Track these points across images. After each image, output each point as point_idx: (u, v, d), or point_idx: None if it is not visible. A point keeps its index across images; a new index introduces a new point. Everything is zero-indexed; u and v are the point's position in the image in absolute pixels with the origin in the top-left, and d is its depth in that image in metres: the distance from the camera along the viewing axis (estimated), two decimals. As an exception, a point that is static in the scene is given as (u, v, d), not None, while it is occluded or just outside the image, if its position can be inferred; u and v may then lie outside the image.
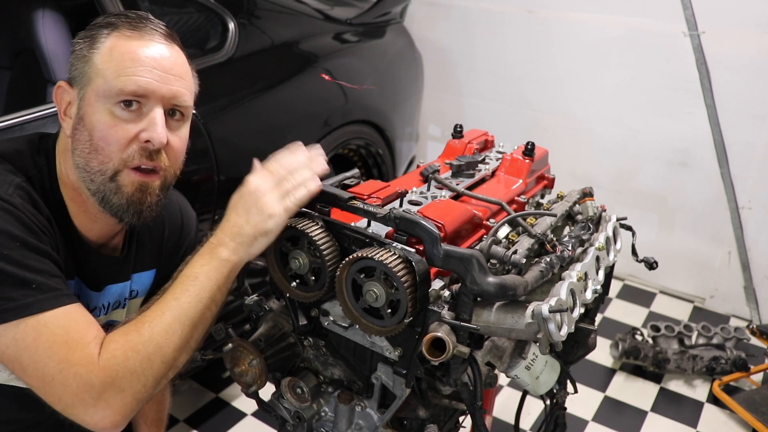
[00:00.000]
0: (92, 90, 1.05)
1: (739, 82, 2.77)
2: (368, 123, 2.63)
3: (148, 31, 1.08)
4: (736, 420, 2.40)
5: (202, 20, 2.16)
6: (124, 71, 1.04)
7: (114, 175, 1.08)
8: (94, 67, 1.05)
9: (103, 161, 1.07)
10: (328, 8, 2.65)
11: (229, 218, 1.09)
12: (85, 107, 1.06)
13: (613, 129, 3.15)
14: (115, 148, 1.06)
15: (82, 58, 1.07)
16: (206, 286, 1.05)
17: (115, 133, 1.05)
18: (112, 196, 1.09)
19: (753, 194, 2.89)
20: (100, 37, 1.07)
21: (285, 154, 1.14)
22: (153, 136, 1.06)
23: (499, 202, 1.35)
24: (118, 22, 1.08)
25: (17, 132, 1.55)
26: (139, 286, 1.34)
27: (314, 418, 1.34)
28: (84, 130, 1.07)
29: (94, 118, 1.05)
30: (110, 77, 1.04)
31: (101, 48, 1.06)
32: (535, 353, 1.28)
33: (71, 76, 1.10)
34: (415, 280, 1.04)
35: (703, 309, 3.15)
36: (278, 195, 1.07)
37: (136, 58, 1.05)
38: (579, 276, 1.18)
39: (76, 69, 1.08)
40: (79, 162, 1.08)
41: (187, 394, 2.36)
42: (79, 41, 1.10)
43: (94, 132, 1.06)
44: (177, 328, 1.02)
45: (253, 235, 1.07)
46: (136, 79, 1.04)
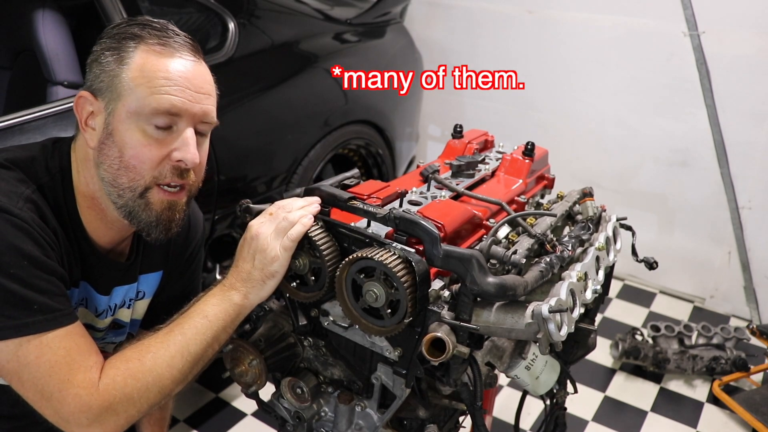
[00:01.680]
0: (123, 106, 1.04)
1: (739, 82, 2.77)
2: (368, 123, 2.64)
3: (177, 47, 1.07)
4: (736, 420, 2.40)
5: (202, 20, 2.16)
6: (157, 90, 1.03)
7: (144, 192, 1.08)
8: (124, 84, 1.04)
9: (134, 179, 1.07)
10: (328, 8, 2.65)
11: (238, 264, 1.12)
12: (115, 123, 1.05)
13: (613, 129, 3.15)
14: (147, 166, 1.06)
15: (110, 72, 1.05)
16: (214, 326, 1.08)
17: (148, 152, 1.05)
18: (140, 213, 1.10)
19: (753, 194, 2.89)
20: (127, 50, 1.05)
21: (283, 200, 1.17)
22: (186, 157, 1.07)
23: (499, 202, 1.35)
24: (144, 35, 1.06)
25: (17, 132, 1.55)
26: (146, 287, 1.35)
27: (314, 418, 1.34)
28: (113, 146, 1.05)
29: (125, 136, 1.04)
30: (143, 95, 1.03)
31: (131, 64, 1.04)
32: (535, 353, 1.28)
33: (96, 88, 1.07)
34: (415, 280, 1.04)
35: (703, 309, 3.15)
36: (276, 236, 1.10)
37: (168, 76, 1.04)
38: (579, 276, 1.18)
39: (101, 81, 1.06)
40: (105, 176, 1.08)
41: (187, 394, 2.36)
42: (105, 52, 1.06)
43: (126, 149, 1.05)
44: (179, 362, 1.04)
45: (262, 279, 1.11)
46: (169, 98, 1.04)
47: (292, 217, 1.10)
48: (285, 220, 1.10)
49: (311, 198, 1.17)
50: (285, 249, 1.10)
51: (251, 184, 2.14)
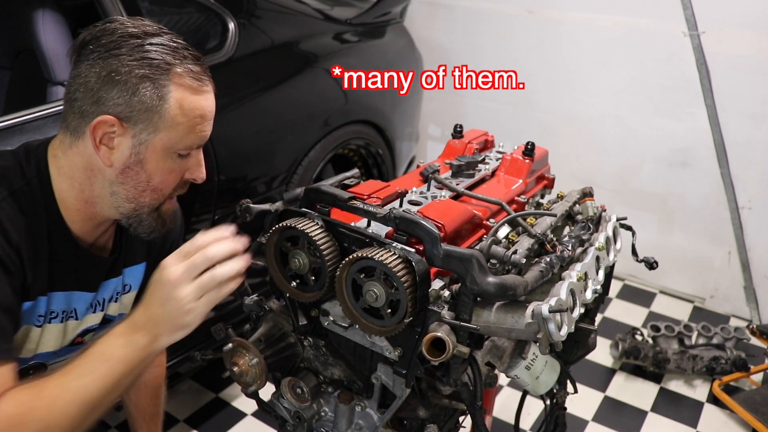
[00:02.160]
0: (160, 140, 1.08)
1: (739, 82, 2.77)
2: (368, 123, 2.63)
3: (206, 82, 1.12)
4: (736, 420, 2.40)
5: (202, 20, 2.16)
6: (194, 129, 1.10)
7: (159, 206, 1.17)
8: (165, 120, 1.07)
9: (157, 198, 1.15)
10: (328, 8, 2.65)
11: (149, 306, 1.02)
12: (148, 153, 1.09)
13: (613, 129, 3.15)
14: (170, 188, 1.16)
15: (147, 105, 1.05)
16: (117, 370, 0.99)
17: (173, 177, 1.14)
18: (149, 222, 1.17)
19: (753, 194, 2.89)
20: (164, 83, 1.06)
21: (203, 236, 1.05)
22: (200, 176, 1.18)
23: (499, 202, 1.35)
24: (176, 64, 1.07)
25: (17, 132, 1.55)
26: (131, 280, 1.35)
27: (314, 418, 1.34)
28: (142, 171, 1.11)
29: (159, 165, 1.11)
30: (183, 133, 1.09)
31: (170, 101, 1.06)
32: (535, 353, 1.28)
33: (125, 116, 1.06)
34: (415, 280, 1.05)
35: (703, 309, 3.15)
36: (197, 289, 0.99)
37: (203, 114, 1.11)
38: (579, 276, 1.18)
39: (134, 112, 1.05)
40: (124, 194, 1.12)
41: (187, 394, 2.36)
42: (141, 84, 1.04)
43: (156, 176, 1.12)
44: (73, 410, 0.97)
45: (171, 329, 1.02)
46: (203, 136, 1.13)
47: (218, 276, 1.00)
48: (211, 279, 0.99)
49: (237, 243, 1.03)
50: (207, 304, 1.01)
51: (251, 184, 2.14)
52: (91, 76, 1.05)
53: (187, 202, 1.90)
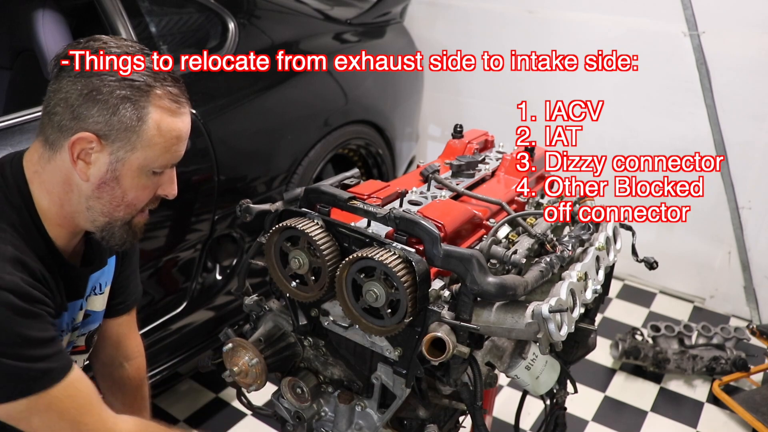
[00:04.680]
0: (137, 158, 1.11)
1: (739, 82, 2.77)
2: (368, 123, 2.63)
3: (183, 104, 1.15)
4: (736, 420, 2.40)
5: (202, 20, 2.16)
6: (170, 149, 1.14)
7: (131, 220, 1.20)
8: (142, 140, 1.10)
9: (130, 212, 1.18)
10: (328, 8, 2.65)
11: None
12: (124, 171, 1.12)
13: (613, 129, 3.15)
14: (142, 204, 1.19)
15: (126, 125, 1.08)
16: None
17: (148, 194, 1.18)
18: (121, 234, 1.20)
19: (753, 194, 2.89)
20: (143, 104, 1.08)
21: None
22: (172, 192, 1.21)
23: (499, 202, 1.35)
24: (156, 86, 1.09)
25: (17, 132, 1.55)
26: (105, 278, 1.37)
27: (314, 418, 1.34)
28: (117, 187, 1.13)
29: (134, 182, 1.14)
30: (159, 152, 1.12)
31: (149, 122, 1.09)
32: (535, 353, 1.28)
33: (103, 133, 1.08)
34: (415, 280, 1.05)
35: (703, 309, 3.15)
36: None
37: (179, 136, 1.15)
38: (579, 276, 1.18)
39: (112, 130, 1.08)
40: (100, 209, 1.15)
41: (187, 394, 2.36)
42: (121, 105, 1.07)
43: (130, 192, 1.15)
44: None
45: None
46: (177, 155, 1.16)
47: None
48: None
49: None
50: None
51: (251, 184, 2.14)
52: (72, 93, 1.06)
53: (187, 203, 1.91)
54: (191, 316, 2.05)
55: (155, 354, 1.96)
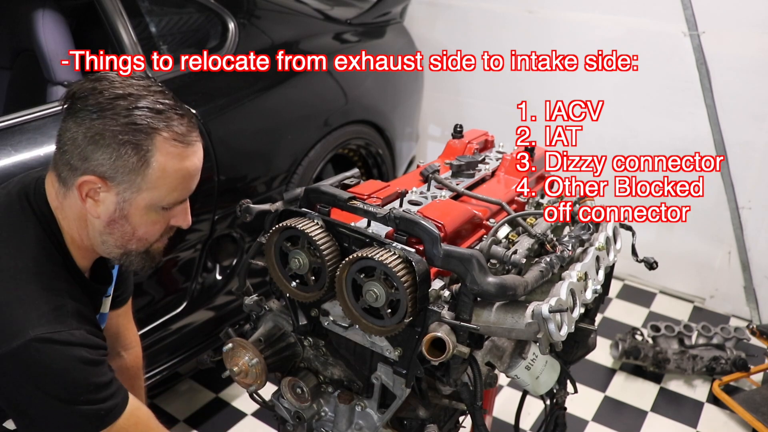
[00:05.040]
0: (143, 199, 1.12)
1: (739, 82, 2.77)
2: (368, 123, 2.63)
3: (192, 142, 1.13)
4: (736, 420, 2.40)
5: (202, 20, 2.16)
6: (176, 188, 1.14)
7: (148, 249, 1.21)
8: (147, 182, 1.10)
9: (143, 245, 1.20)
10: (328, 8, 2.65)
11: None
12: (132, 210, 1.13)
13: (613, 129, 3.15)
14: (155, 237, 1.20)
15: (129, 168, 1.08)
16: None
17: (158, 228, 1.18)
18: (139, 262, 1.22)
19: (753, 194, 2.89)
20: (147, 147, 1.08)
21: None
22: (184, 225, 1.22)
23: (499, 202, 1.35)
24: (161, 129, 1.08)
25: (17, 132, 1.55)
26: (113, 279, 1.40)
27: (314, 418, 1.34)
28: (127, 225, 1.15)
29: (142, 219, 1.15)
30: (165, 193, 1.13)
31: (153, 164, 1.09)
32: (535, 353, 1.28)
33: (108, 175, 1.08)
34: (415, 280, 1.05)
35: (703, 309, 3.15)
36: None
37: (186, 176, 1.14)
38: (579, 276, 1.18)
39: (117, 173, 1.08)
40: (113, 243, 1.17)
41: (187, 394, 2.36)
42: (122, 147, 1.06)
43: (140, 228, 1.16)
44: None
45: None
46: (184, 193, 1.17)
47: None
48: None
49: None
50: None
51: (251, 184, 2.15)
52: (78, 134, 1.07)
53: (187, 202, 1.91)
54: (191, 316, 2.05)
55: (155, 354, 1.96)
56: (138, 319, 1.89)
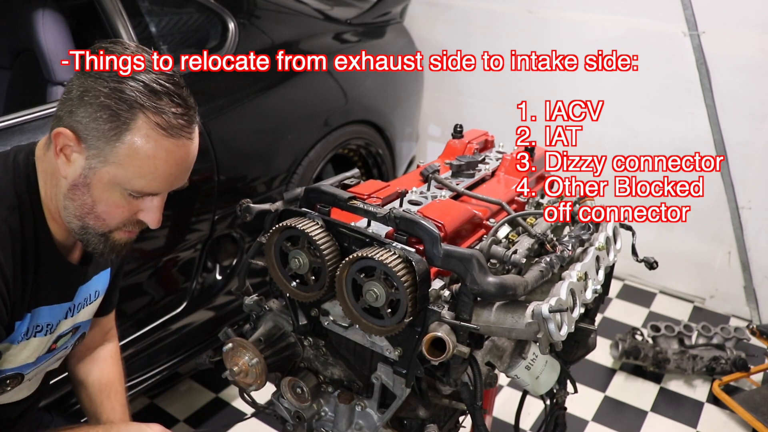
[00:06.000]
0: (107, 173, 1.06)
1: (739, 82, 2.77)
2: (368, 123, 2.63)
3: (180, 134, 1.07)
4: (736, 420, 2.40)
5: (202, 20, 2.16)
6: (144, 175, 1.06)
7: (107, 233, 1.13)
8: (115, 156, 1.04)
9: (101, 225, 1.12)
10: (328, 8, 2.65)
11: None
12: (95, 180, 1.07)
13: (613, 129, 3.15)
14: (115, 222, 1.12)
15: (102, 134, 1.04)
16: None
17: (120, 212, 1.11)
18: (98, 244, 1.14)
19: (753, 194, 2.89)
20: (125, 120, 1.03)
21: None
22: (151, 222, 1.14)
23: (499, 202, 1.35)
24: (149, 108, 1.03)
25: (17, 132, 1.55)
26: (100, 285, 1.36)
27: (314, 418, 1.34)
28: (88, 195, 1.08)
29: (103, 195, 1.08)
30: (131, 175, 1.06)
31: (125, 140, 1.03)
32: (535, 353, 1.28)
33: (82, 135, 1.05)
34: (415, 280, 1.05)
35: (703, 309, 3.15)
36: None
37: (160, 166, 1.06)
38: (579, 276, 1.18)
39: (90, 136, 1.04)
40: (70, 208, 1.11)
41: (187, 394, 2.36)
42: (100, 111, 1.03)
43: (99, 204, 1.09)
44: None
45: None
46: (154, 185, 1.08)
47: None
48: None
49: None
50: None
51: (251, 184, 2.15)
52: (74, 88, 1.06)
53: (187, 203, 1.91)
54: (191, 316, 2.05)
55: (155, 354, 1.96)
56: (138, 319, 1.90)
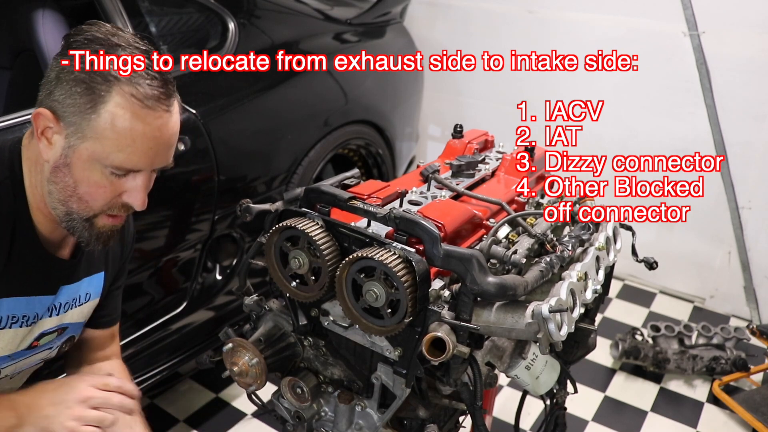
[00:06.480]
0: (86, 149, 1.05)
1: (739, 82, 2.77)
2: (368, 123, 2.63)
3: (157, 109, 1.05)
4: (736, 420, 2.40)
5: (202, 20, 2.16)
6: (123, 149, 1.04)
7: (91, 218, 1.11)
8: (93, 130, 1.03)
9: (84, 208, 1.10)
10: (328, 8, 2.65)
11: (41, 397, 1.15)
12: (75, 159, 1.06)
13: (613, 129, 3.15)
14: (99, 204, 1.10)
15: (78, 109, 1.03)
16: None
17: (102, 192, 1.09)
18: (82, 231, 1.12)
19: (753, 194, 2.89)
20: (101, 93, 1.02)
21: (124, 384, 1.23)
22: (136, 203, 1.11)
23: (499, 202, 1.35)
24: (125, 81, 1.03)
25: (17, 132, 1.55)
26: (92, 289, 1.34)
27: (314, 418, 1.34)
28: (69, 175, 1.07)
29: (84, 174, 1.06)
30: (109, 150, 1.04)
31: (103, 114, 1.03)
32: (535, 353, 1.28)
33: (59, 113, 1.04)
34: (415, 280, 1.05)
35: (703, 309, 3.15)
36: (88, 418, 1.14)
37: (139, 138, 1.05)
38: (579, 276, 1.18)
39: (66, 111, 1.04)
40: (54, 192, 1.09)
41: (187, 394, 2.36)
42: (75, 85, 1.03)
43: (81, 185, 1.07)
44: None
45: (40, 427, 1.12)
46: (133, 159, 1.06)
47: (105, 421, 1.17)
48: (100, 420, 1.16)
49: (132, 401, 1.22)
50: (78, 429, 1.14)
51: (251, 184, 2.15)
52: (52, 69, 1.06)
53: (187, 203, 1.91)
54: (191, 316, 2.05)
55: (155, 354, 1.96)
56: (138, 319, 1.90)
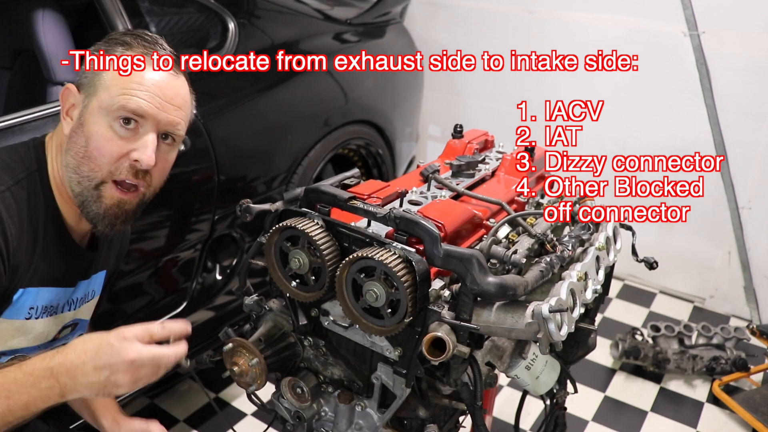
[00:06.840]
0: (97, 101, 1.13)
1: (739, 82, 2.77)
2: (368, 123, 2.63)
3: (162, 65, 1.16)
4: (736, 420, 2.40)
5: (202, 20, 2.16)
6: (127, 91, 1.12)
7: (99, 185, 1.15)
8: (102, 82, 1.13)
9: (93, 169, 1.14)
10: (328, 8, 2.65)
11: (83, 361, 0.98)
12: (87, 115, 1.13)
13: (613, 129, 3.15)
14: (107, 160, 1.13)
15: (93, 70, 1.15)
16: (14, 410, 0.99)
17: (110, 146, 1.13)
18: (92, 204, 1.16)
19: (753, 194, 2.89)
20: (114, 53, 1.14)
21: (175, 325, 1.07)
22: (143, 158, 1.13)
23: (499, 202, 1.35)
24: (133, 43, 1.16)
25: (17, 132, 1.55)
26: (96, 286, 1.37)
27: (314, 418, 1.34)
28: (81, 135, 1.13)
29: (93, 128, 1.12)
30: (114, 93, 1.12)
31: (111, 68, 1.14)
32: (535, 353, 1.28)
33: (80, 82, 1.16)
34: (415, 280, 1.05)
35: (703, 309, 3.15)
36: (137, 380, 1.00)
37: (141, 81, 1.13)
38: (579, 276, 1.18)
39: (86, 77, 1.15)
40: (70, 163, 1.15)
41: (187, 394, 2.36)
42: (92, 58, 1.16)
43: (91, 141, 1.12)
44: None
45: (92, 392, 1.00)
46: (137, 100, 1.12)
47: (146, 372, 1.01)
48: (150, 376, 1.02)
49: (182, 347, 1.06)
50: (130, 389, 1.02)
51: (251, 184, 2.15)
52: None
53: (187, 203, 1.91)
54: (191, 316, 2.05)
55: (155, 354, 1.96)
56: (138, 319, 1.90)
